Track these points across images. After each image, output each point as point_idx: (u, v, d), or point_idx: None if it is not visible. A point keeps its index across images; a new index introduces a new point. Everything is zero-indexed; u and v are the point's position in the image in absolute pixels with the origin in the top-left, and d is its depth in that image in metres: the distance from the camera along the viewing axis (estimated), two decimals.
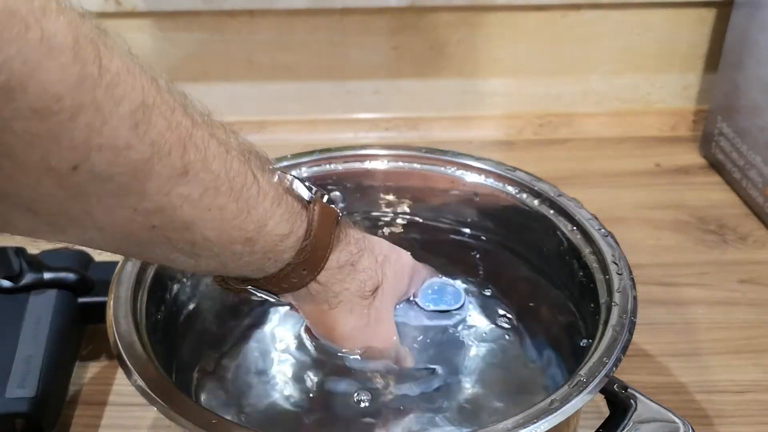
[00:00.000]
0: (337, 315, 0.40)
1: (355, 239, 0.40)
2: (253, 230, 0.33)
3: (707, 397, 0.53)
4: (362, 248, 0.40)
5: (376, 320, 0.41)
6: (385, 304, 0.42)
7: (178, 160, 0.28)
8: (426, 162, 0.54)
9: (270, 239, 0.34)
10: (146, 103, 0.26)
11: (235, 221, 0.32)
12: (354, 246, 0.39)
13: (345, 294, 0.39)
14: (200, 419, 0.34)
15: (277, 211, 0.34)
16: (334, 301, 0.39)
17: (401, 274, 0.43)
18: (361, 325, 0.41)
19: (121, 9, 0.77)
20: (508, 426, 0.34)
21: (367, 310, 0.41)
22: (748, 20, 0.73)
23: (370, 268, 0.40)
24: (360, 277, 0.40)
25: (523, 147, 0.85)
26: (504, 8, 0.81)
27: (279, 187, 0.35)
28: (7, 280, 0.52)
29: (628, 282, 0.42)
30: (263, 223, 0.33)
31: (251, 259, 0.34)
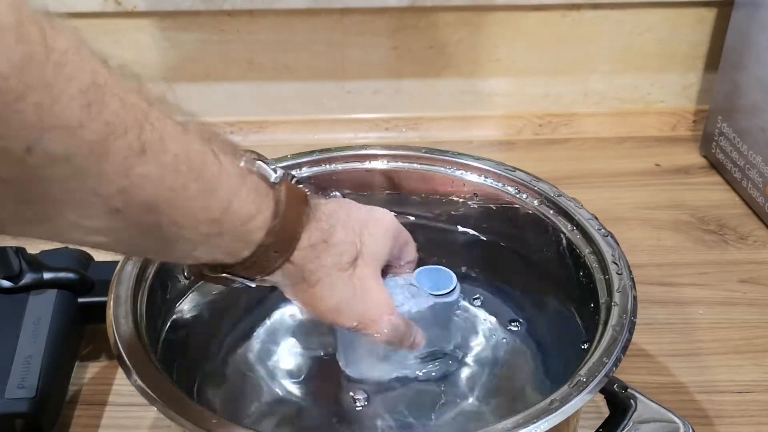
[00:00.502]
0: (319, 292, 0.40)
1: (327, 214, 0.39)
2: (218, 210, 0.33)
3: (707, 397, 0.53)
4: (335, 222, 0.40)
5: (363, 289, 0.41)
6: (368, 271, 0.41)
7: (135, 140, 0.28)
8: (426, 162, 0.54)
9: (237, 219, 0.34)
10: (97, 83, 0.26)
11: (198, 201, 0.32)
12: (325, 222, 0.39)
13: (322, 270, 0.39)
14: (200, 419, 0.34)
15: (241, 191, 0.34)
16: (312, 279, 0.39)
17: (382, 238, 0.43)
18: (347, 296, 0.40)
19: (121, 9, 0.77)
20: (508, 426, 0.34)
21: (350, 280, 0.40)
22: (748, 20, 0.72)
23: (345, 240, 0.40)
24: (335, 251, 0.39)
25: (523, 147, 0.85)
26: (504, 8, 0.81)
27: (243, 168, 0.35)
28: (7, 280, 0.52)
29: (628, 282, 0.42)
30: (228, 203, 0.33)
31: (221, 242, 0.34)
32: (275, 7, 0.78)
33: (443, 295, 0.46)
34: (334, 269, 0.39)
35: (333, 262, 0.39)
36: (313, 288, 0.39)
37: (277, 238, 0.36)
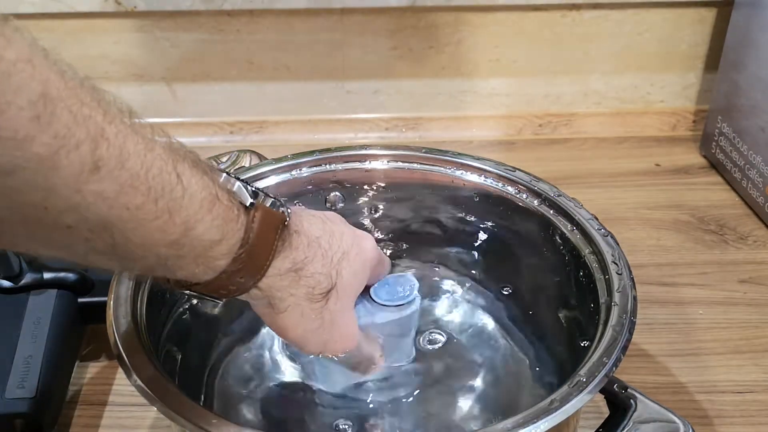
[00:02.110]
0: (285, 319, 0.39)
1: (305, 244, 0.38)
2: (177, 233, 0.31)
3: (707, 397, 0.53)
4: (312, 253, 0.38)
5: (331, 322, 0.40)
6: (340, 305, 0.40)
7: (88, 155, 0.27)
8: (426, 162, 0.54)
9: (199, 244, 0.33)
10: (48, 95, 0.26)
11: (156, 223, 0.30)
12: (301, 252, 0.38)
13: (291, 299, 0.38)
14: (200, 419, 0.34)
15: (206, 215, 0.32)
16: (281, 306, 0.38)
17: (360, 271, 0.42)
18: (313, 328, 0.40)
19: (121, 9, 0.77)
20: (508, 426, 0.34)
21: (320, 313, 0.40)
22: (748, 20, 0.72)
23: (320, 272, 0.39)
24: (307, 282, 0.38)
25: (523, 147, 0.85)
26: (504, 8, 0.81)
27: (213, 190, 0.33)
28: (7, 280, 0.52)
29: (628, 282, 0.42)
30: (189, 227, 0.32)
31: (180, 264, 0.33)
32: (275, 7, 0.78)
33: (400, 306, 0.46)
34: (304, 300, 0.39)
35: (305, 293, 0.38)
36: (280, 314, 0.39)
37: (243, 265, 0.35)
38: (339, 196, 0.54)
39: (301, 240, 0.38)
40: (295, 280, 0.38)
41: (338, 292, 0.40)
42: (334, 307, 0.40)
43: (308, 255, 0.38)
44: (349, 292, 0.41)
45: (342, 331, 0.41)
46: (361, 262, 0.42)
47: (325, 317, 0.40)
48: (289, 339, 0.41)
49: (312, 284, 0.38)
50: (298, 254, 0.38)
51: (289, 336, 0.40)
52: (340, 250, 0.40)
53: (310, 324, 0.40)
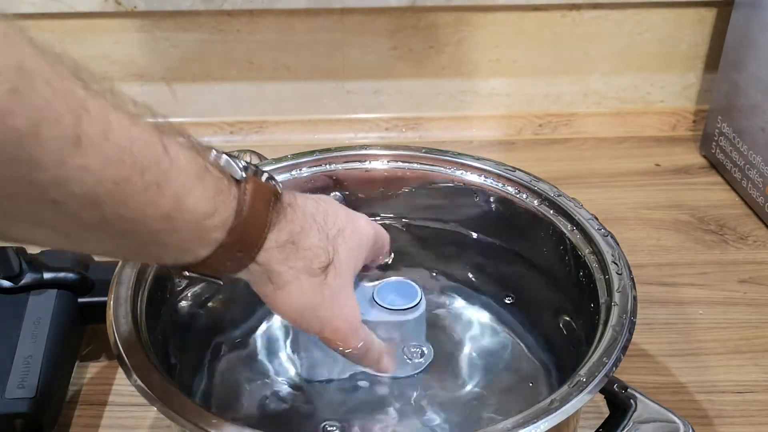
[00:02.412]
0: (286, 295, 0.39)
1: (300, 216, 0.38)
2: (168, 206, 0.31)
3: (707, 397, 0.53)
4: (308, 225, 0.38)
5: (331, 298, 0.40)
6: (339, 281, 0.40)
7: (70, 129, 0.27)
8: (426, 162, 0.54)
9: (191, 217, 0.32)
10: (25, 68, 0.25)
11: (145, 196, 0.30)
12: (297, 224, 0.38)
13: (290, 273, 0.38)
14: (200, 419, 0.34)
15: (196, 187, 0.32)
16: (279, 281, 0.38)
17: (357, 248, 0.42)
18: (314, 303, 0.39)
19: (121, 9, 0.77)
20: (508, 426, 0.34)
21: (320, 288, 0.39)
22: (748, 20, 0.72)
23: (317, 245, 0.39)
24: (305, 255, 0.38)
25: (523, 147, 0.85)
26: (504, 8, 0.81)
27: (202, 163, 0.33)
28: (7, 280, 0.52)
29: (628, 282, 0.42)
30: (180, 199, 0.31)
31: (176, 239, 0.33)
32: (275, 7, 0.78)
33: (405, 311, 0.45)
34: (303, 273, 0.38)
35: (303, 266, 0.38)
36: (280, 290, 0.38)
37: (240, 237, 0.35)
38: (339, 196, 0.54)
39: (296, 213, 0.38)
40: (292, 253, 0.37)
41: (336, 268, 0.40)
42: (334, 283, 0.40)
43: (304, 227, 0.38)
44: (347, 269, 0.41)
45: (343, 308, 0.41)
46: (356, 240, 0.41)
47: (325, 293, 0.39)
48: (290, 317, 0.40)
49: (310, 257, 0.38)
50: (294, 226, 0.37)
51: (290, 313, 0.40)
52: (335, 227, 0.40)
53: (311, 299, 0.39)
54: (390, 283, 0.47)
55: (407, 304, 0.45)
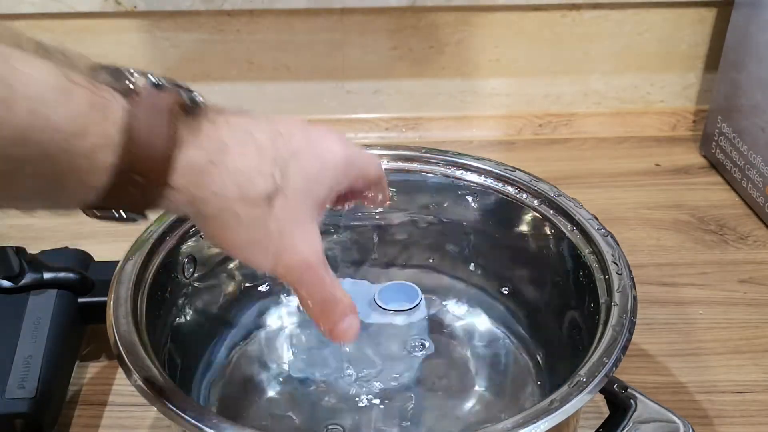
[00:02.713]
0: (221, 226, 0.34)
1: (226, 132, 0.33)
2: (24, 125, 0.27)
3: (707, 397, 0.53)
4: (237, 144, 0.33)
5: (279, 232, 0.34)
6: (291, 214, 0.35)
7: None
8: (426, 162, 0.54)
9: (59, 137, 0.28)
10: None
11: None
12: (216, 142, 0.32)
13: (218, 201, 0.33)
14: (200, 419, 0.34)
15: (59, 102, 0.28)
16: (207, 210, 0.33)
17: (318, 173, 0.36)
18: (256, 238, 0.34)
19: (120, 9, 0.77)
20: (508, 426, 0.34)
21: (263, 220, 0.34)
22: (748, 20, 0.72)
23: (252, 168, 0.33)
24: (236, 179, 0.33)
25: (523, 147, 0.85)
26: (504, 8, 0.81)
27: (67, 75, 0.29)
28: (7, 280, 0.52)
29: (628, 282, 0.42)
30: (37, 115, 0.28)
31: (51, 167, 0.29)
32: (275, 7, 0.78)
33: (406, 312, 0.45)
34: (237, 202, 0.33)
35: (235, 193, 0.33)
36: (213, 220, 0.34)
37: (135, 158, 0.30)
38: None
39: (219, 129, 0.33)
40: (214, 175, 0.32)
41: (287, 198, 0.34)
42: (283, 215, 0.34)
43: (230, 145, 0.33)
44: (304, 199, 0.35)
45: (297, 244, 0.35)
46: (319, 164, 0.36)
47: (271, 226, 0.34)
48: (234, 254, 0.36)
49: (242, 182, 0.33)
50: (212, 144, 0.32)
51: (233, 249, 0.35)
52: (287, 149, 0.35)
53: (252, 233, 0.34)
54: (391, 285, 0.47)
55: (408, 305, 0.45)
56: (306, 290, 0.36)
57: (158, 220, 0.47)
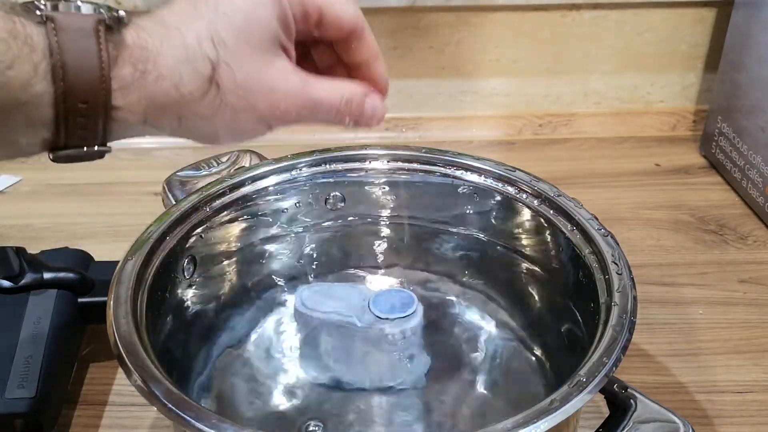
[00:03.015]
0: (191, 129, 0.34)
1: (147, 37, 0.32)
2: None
3: (707, 397, 0.53)
4: (153, 45, 0.32)
5: (244, 101, 0.33)
6: (243, 75, 0.33)
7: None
8: (426, 162, 0.54)
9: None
10: None
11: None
12: (139, 50, 0.31)
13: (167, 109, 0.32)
14: (200, 419, 0.34)
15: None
16: (165, 121, 0.33)
17: (253, 14, 0.33)
18: (224, 122, 0.33)
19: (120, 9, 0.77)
20: (508, 426, 0.34)
21: (217, 105, 0.33)
22: (748, 20, 0.73)
23: (180, 62, 0.32)
24: (169, 83, 0.32)
25: (523, 147, 0.85)
26: (504, 8, 0.81)
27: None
28: (7, 280, 0.52)
29: (628, 282, 0.42)
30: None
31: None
32: None
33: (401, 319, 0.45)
34: (184, 102, 0.32)
35: (177, 95, 0.32)
36: (179, 128, 0.33)
37: (71, 83, 0.30)
38: (339, 196, 0.54)
39: (140, 36, 0.32)
40: (151, 86, 0.32)
41: (230, 65, 0.33)
42: (236, 84, 0.33)
43: (153, 48, 0.32)
44: (251, 50, 0.33)
45: (268, 98, 0.34)
46: (244, 11, 0.33)
47: (232, 99, 0.33)
48: (226, 144, 0.36)
49: (176, 82, 0.32)
50: (138, 54, 0.31)
51: (221, 141, 0.35)
52: (209, 10, 0.33)
53: (221, 118, 0.33)
54: (386, 291, 0.47)
55: (403, 312, 0.45)
56: (312, 119, 0.35)
57: (158, 220, 0.47)
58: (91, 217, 0.71)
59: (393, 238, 0.56)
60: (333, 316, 0.46)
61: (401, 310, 0.45)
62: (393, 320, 0.45)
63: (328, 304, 0.47)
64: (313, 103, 0.35)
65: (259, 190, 0.52)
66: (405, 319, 0.45)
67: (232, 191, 0.51)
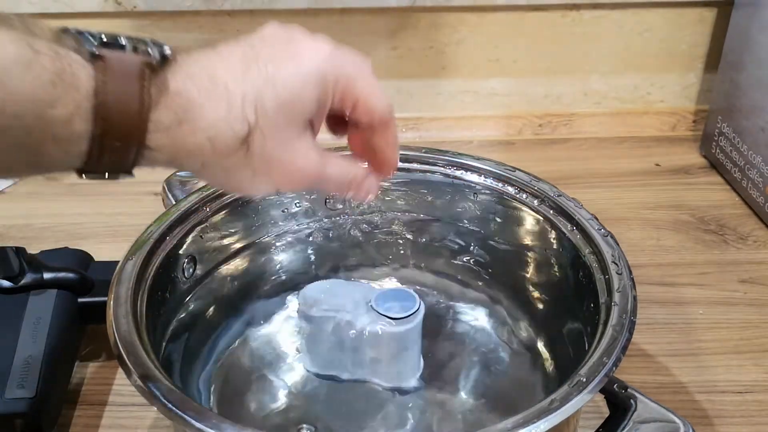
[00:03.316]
0: (210, 175, 0.35)
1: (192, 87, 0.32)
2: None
3: (707, 397, 0.53)
4: (204, 96, 0.32)
5: (267, 165, 0.34)
6: (273, 145, 0.34)
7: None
8: (426, 162, 0.54)
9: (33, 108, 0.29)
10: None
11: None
12: (182, 98, 0.32)
13: (194, 157, 0.33)
14: (200, 419, 0.34)
15: (24, 72, 0.28)
16: (189, 165, 0.34)
17: (299, 94, 0.34)
18: (245, 177, 0.35)
19: (121, 9, 0.77)
20: (508, 426, 0.34)
21: (244, 163, 0.34)
22: (748, 20, 0.72)
23: (220, 119, 0.32)
24: (204, 135, 0.32)
25: (523, 147, 0.85)
26: (504, 8, 0.81)
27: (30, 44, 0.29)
28: (6, 280, 0.52)
29: (628, 282, 0.42)
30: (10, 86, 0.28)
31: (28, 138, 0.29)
32: (275, 7, 0.78)
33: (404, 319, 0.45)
34: (213, 155, 0.33)
35: (209, 148, 0.33)
36: (200, 173, 0.35)
37: (110, 124, 0.30)
38: (339, 196, 0.54)
39: (185, 83, 0.32)
40: (186, 134, 0.32)
41: (264, 133, 0.34)
42: (263, 151, 0.34)
43: (196, 99, 0.32)
44: (286, 125, 0.34)
45: (288, 169, 0.35)
46: (298, 81, 0.34)
47: (256, 164, 0.34)
48: (235, 192, 0.38)
49: (211, 136, 0.33)
50: (179, 102, 0.32)
51: (231, 190, 0.37)
52: (260, 77, 0.34)
53: (239, 175, 0.35)
54: (388, 291, 0.47)
55: (405, 312, 0.45)
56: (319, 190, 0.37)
57: (158, 220, 0.47)
58: (91, 217, 0.71)
59: (393, 238, 0.56)
60: (336, 313, 0.46)
61: (403, 309, 0.46)
62: (395, 319, 0.45)
63: (331, 302, 0.47)
64: (325, 180, 0.37)
65: None
66: (407, 319, 0.45)
67: None
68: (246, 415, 0.47)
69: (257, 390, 0.48)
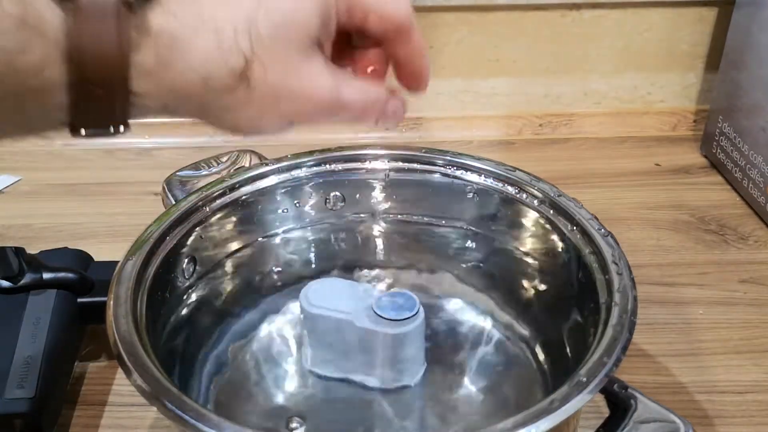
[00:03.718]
0: (213, 118, 0.33)
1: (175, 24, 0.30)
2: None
3: (707, 397, 0.53)
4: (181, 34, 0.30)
5: (274, 98, 0.32)
6: (274, 74, 0.32)
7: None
8: (426, 162, 0.54)
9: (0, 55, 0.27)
10: None
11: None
12: (165, 37, 0.29)
13: (188, 99, 0.31)
14: (200, 419, 0.34)
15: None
16: (185, 108, 0.32)
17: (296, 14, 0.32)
18: (249, 115, 0.33)
19: None
20: (508, 426, 0.34)
21: (246, 98, 0.32)
22: (749, 20, 0.72)
23: (210, 55, 0.30)
24: (195, 74, 0.30)
25: (523, 147, 0.85)
26: (504, 8, 0.81)
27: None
28: (6, 280, 0.52)
29: (628, 282, 0.42)
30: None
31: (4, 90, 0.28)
32: None
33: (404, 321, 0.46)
34: (209, 94, 0.31)
35: (202, 88, 0.31)
36: (199, 115, 0.33)
37: (88, 69, 0.28)
38: (339, 196, 0.54)
39: (167, 20, 0.30)
40: (175, 76, 0.30)
41: (263, 63, 0.31)
42: (266, 83, 0.32)
43: (181, 37, 0.30)
44: (286, 50, 0.32)
45: (297, 98, 0.33)
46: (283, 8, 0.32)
47: (261, 98, 0.32)
48: (244, 135, 0.34)
49: (203, 74, 0.30)
50: (162, 41, 0.29)
51: (239, 132, 0.34)
52: (244, 7, 0.31)
53: (245, 113, 0.32)
54: (390, 294, 0.47)
55: (406, 314, 0.46)
56: (336, 118, 0.34)
57: (158, 220, 0.47)
58: (91, 217, 0.71)
59: (393, 238, 0.56)
60: (336, 313, 0.46)
61: (404, 312, 0.46)
62: (396, 321, 0.45)
63: (332, 302, 0.47)
64: (342, 106, 0.34)
65: (259, 190, 0.52)
66: (407, 321, 0.45)
67: (232, 191, 0.51)
68: (246, 415, 0.47)
69: (258, 390, 0.48)
